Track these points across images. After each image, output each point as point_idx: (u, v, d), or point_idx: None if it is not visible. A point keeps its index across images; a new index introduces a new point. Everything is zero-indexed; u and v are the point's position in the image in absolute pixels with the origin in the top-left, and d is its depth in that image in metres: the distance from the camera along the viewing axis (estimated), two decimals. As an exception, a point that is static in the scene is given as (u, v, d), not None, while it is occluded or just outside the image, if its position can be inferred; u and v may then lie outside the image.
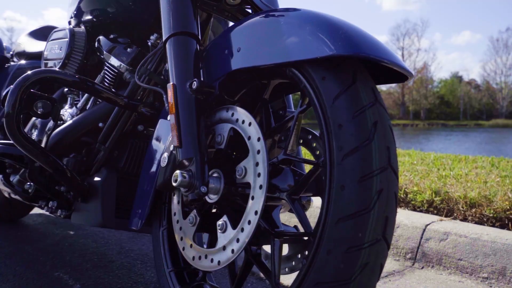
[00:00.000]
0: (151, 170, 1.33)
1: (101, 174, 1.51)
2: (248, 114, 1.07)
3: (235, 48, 1.15)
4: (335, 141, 0.89)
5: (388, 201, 0.87)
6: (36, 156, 1.33)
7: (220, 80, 1.17)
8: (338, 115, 0.91)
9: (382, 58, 0.92)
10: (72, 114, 1.67)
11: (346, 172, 0.87)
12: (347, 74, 0.94)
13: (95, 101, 1.66)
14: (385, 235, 0.87)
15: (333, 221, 0.87)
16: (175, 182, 1.08)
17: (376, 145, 0.88)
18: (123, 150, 1.55)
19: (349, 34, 0.95)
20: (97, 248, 2.13)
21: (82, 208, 1.51)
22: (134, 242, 2.24)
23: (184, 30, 1.23)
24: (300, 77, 1.01)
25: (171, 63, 1.20)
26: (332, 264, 0.86)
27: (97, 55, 1.66)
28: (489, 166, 3.37)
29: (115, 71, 1.57)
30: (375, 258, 0.87)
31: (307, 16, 1.03)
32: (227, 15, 1.50)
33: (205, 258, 1.09)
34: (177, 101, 1.14)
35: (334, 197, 0.87)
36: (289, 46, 1.01)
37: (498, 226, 2.01)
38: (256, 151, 1.02)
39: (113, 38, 1.64)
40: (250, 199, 1.00)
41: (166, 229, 1.32)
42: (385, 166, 0.88)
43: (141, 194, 1.35)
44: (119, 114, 1.51)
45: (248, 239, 0.99)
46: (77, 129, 1.57)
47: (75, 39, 1.65)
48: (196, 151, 1.10)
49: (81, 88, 1.40)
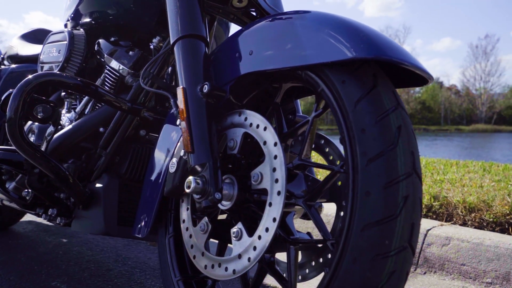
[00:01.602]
0: (156, 176, 1.30)
1: (103, 181, 1.46)
2: (263, 119, 1.05)
3: (247, 51, 1.13)
4: (359, 146, 0.87)
5: (414, 207, 0.85)
6: (38, 162, 1.28)
7: (231, 83, 1.15)
8: (360, 120, 0.89)
9: (403, 61, 0.90)
10: (71, 118, 1.63)
11: (371, 178, 0.85)
12: (368, 77, 0.93)
13: (94, 105, 1.62)
14: (411, 242, 0.85)
15: (358, 228, 0.84)
16: (188, 188, 1.05)
17: (401, 150, 0.86)
18: (125, 155, 1.51)
19: (369, 36, 0.93)
20: (92, 256, 2.07)
21: (83, 215, 1.47)
22: (130, 249, 2.19)
23: (193, 33, 1.20)
24: (317, 81, 0.99)
25: (180, 67, 1.17)
26: (358, 273, 0.83)
27: (97, 58, 1.62)
28: (481, 170, 3.40)
29: (116, 75, 1.53)
30: (402, 265, 0.84)
31: (324, 18, 1.01)
32: (232, 18, 1.47)
33: (218, 267, 1.06)
34: (188, 105, 1.11)
35: (359, 204, 0.85)
36: (306, 49, 0.98)
37: (498, 230, 2.02)
38: (273, 157, 0.99)
39: (114, 41, 1.60)
40: (267, 205, 0.97)
41: (173, 237, 1.29)
42: (410, 172, 0.86)
43: (145, 201, 1.31)
44: (121, 119, 1.47)
45: (266, 247, 0.96)
46: (77, 134, 1.52)
47: (74, 41, 1.61)
48: (209, 157, 1.06)
49: (84, 92, 1.35)
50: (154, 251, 2.19)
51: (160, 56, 1.39)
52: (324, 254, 1.19)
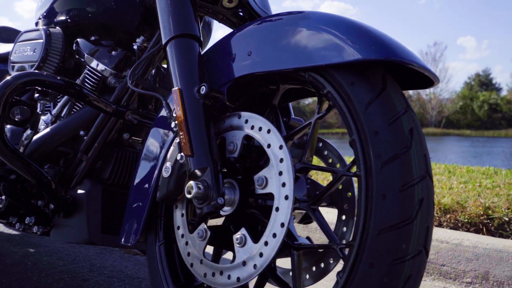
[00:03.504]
0: (145, 182, 1.24)
1: (85, 187, 1.39)
2: (265, 121, 1.02)
3: (245, 52, 1.10)
4: (372, 149, 0.86)
5: (428, 210, 0.84)
6: (19, 167, 1.20)
7: (228, 85, 1.11)
8: (373, 122, 0.87)
9: (412, 62, 0.89)
10: (47, 121, 1.54)
11: (387, 181, 0.83)
12: (377, 79, 0.92)
13: (72, 107, 1.54)
14: (426, 246, 0.85)
15: (374, 233, 0.83)
16: (189, 193, 1.00)
17: (415, 153, 0.85)
18: (107, 160, 1.44)
19: (377, 37, 0.92)
20: (65, 266, 1.97)
21: (63, 223, 1.39)
22: (104, 258, 2.10)
23: (186, 32, 1.16)
24: (322, 83, 0.97)
25: (174, 67, 1.13)
26: (375, 278, 0.82)
27: (76, 58, 1.54)
28: (447, 172, 3.49)
29: (98, 75, 1.46)
30: (418, 270, 0.84)
31: (329, 19, 0.99)
32: (221, 18, 1.44)
33: (220, 275, 1.02)
34: (185, 107, 1.06)
35: (375, 207, 0.83)
36: (311, 50, 0.97)
37: (473, 231, 2.07)
38: (279, 160, 0.96)
39: (94, 40, 1.53)
40: (274, 210, 0.94)
41: (164, 244, 1.23)
42: (424, 174, 0.85)
43: (133, 207, 1.25)
44: (103, 122, 1.41)
45: (274, 253, 0.93)
46: (57, 137, 1.45)
47: (51, 40, 1.52)
48: (209, 160, 1.02)
49: (68, 93, 1.28)
50: (129, 259, 2.12)
51: (149, 56, 1.34)
52: (325, 259, 1.17)
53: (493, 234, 2.03)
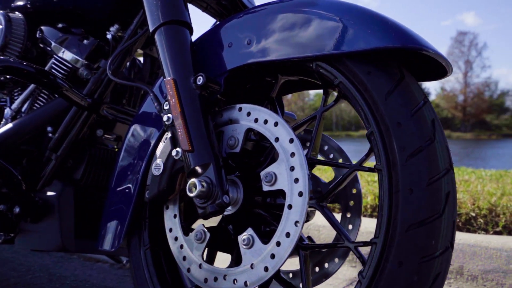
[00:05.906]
0: (127, 181, 1.14)
1: (55, 188, 1.26)
2: (271, 113, 0.95)
3: (243, 41, 1.02)
4: (396, 141, 0.82)
5: (453, 204, 0.81)
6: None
7: (225, 75, 1.03)
8: (394, 113, 0.83)
9: (428, 49, 0.85)
10: (5, 117, 1.39)
11: (413, 175, 0.79)
12: (394, 68, 0.88)
13: (34, 101, 1.39)
14: (452, 241, 0.82)
15: (403, 229, 0.78)
16: (190, 192, 0.91)
17: (439, 145, 0.82)
18: (79, 159, 1.31)
19: (391, 25, 0.88)
20: (20, 277, 1.80)
21: (31, 229, 1.25)
22: (63, 266, 1.94)
23: (176, 19, 1.07)
24: (333, 73, 0.92)
25: (164, 56, 1.03)
26: (405, 277, 0.77)
27: (40, 47, 1.40)
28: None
29: (67, 66, 1.32)
30: (445, 267, 0.80)
31: (340, 6, 0.94)
32: (205, 7, 1.36)
33: (224, 280, 0.94)
34: (181, 98, 0.98)
35: (402, 202, 0.79)
36: (322, 38, 0.91)
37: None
38: (290, 154, 0.90)
39: (62, 28, 1.39)
40: (286, 208, 0.88)
41: (149, 248, 1.13)
42: (448, 167, 0.82)
43: (113, 210, 1.15)
44: (75, 117, 1.28)
45: (288, 254, 0.86)
46: (20, 134, 1.30)
47: (12, 26, 1.37)
48: (211, 156, 0.94)
49: (39, 83, 1.15)
50: (92, 267, 1.96)
51: (129, 45, 1.23)
52: (329, 259, 1.12)
53: (460, 229, 2.08)
